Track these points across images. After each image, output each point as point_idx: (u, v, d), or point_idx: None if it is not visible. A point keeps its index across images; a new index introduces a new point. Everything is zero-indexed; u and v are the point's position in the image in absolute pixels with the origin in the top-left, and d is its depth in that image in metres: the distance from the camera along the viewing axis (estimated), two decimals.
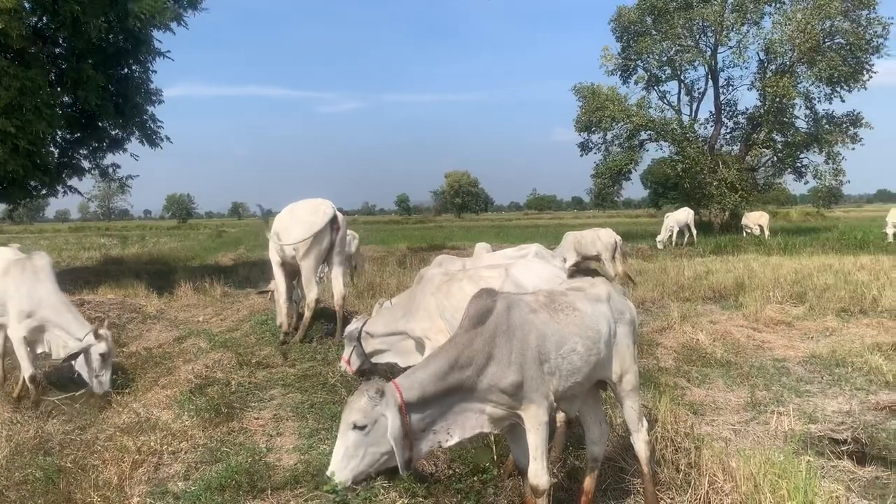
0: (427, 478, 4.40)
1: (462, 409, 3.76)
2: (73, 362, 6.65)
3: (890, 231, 25.03)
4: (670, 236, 25.98)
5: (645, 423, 4.45)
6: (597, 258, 15.18)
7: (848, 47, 30.26)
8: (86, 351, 6.58)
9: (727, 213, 32.72)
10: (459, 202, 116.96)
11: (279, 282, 9.10)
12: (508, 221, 73.00)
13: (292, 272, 9.17)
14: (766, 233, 27.77)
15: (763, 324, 10.51)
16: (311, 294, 8.73)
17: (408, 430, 3.51)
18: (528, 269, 5.34)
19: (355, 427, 3.48)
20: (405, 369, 4.47)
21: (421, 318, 5.81)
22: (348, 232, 16.13)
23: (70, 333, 6.70)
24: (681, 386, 7.24)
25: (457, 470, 4.65)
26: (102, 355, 6.64)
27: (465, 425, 3.77)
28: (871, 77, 31.26)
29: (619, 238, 15.38)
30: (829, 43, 30.57)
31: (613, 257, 15.02)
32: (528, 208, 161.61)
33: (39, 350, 6.85)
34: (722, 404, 6.71)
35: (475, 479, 4.39)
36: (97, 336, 6.62)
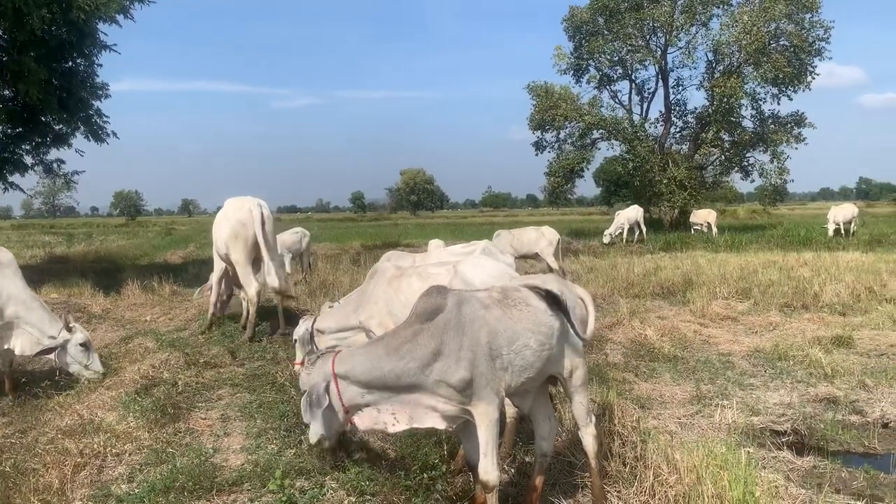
0: (376, 476, 4.39)
1: (412, 401, 3.81)
2: (55, 360, 6.72)
3: (831, 228, 25.93)
4: (620, 233, 26.38)
5: (593, 418, 4.50)
6: (534, 256, 15.30)
7: (792, 49, 31.10)
8: (63, 347, 6.64)
9: (676, 211, 33.36)
10: (415, 200, 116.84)
11: (216, 271, 9.37)
12: (464, 219, 73.16)
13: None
14: (714, 230, 28.41)
15: (709, 319, 10.76)
16: (250, 290, 8.78)
17: (339, 397, 3.77)
18: (476, 265, 5.35)
19: (304, 394, 3.84)
20: None
21: (372, 311, 5.78)
22: (299, 230, 16.11)
23: (43, 331, 6.66)
24: (629, 380, 7.36)
25: (406, 467, 4.65)
26: (83, 345, 6.82)
27: (414, 416, 3.82)
28: (814, 78, 32.24)
29: (559, 236, 15.63)
30: (774, 45, 31.36)
31: (554, 255, 15.21)
32: (484, 206, 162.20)
33: (6, 346, 6.75)
34: (668, 398, 6.85)
35: (424, 475, 4.39)
36: (69, 329, 6.68)
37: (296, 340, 6.43)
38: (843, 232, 25.96)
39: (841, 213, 26.66)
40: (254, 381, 6.96)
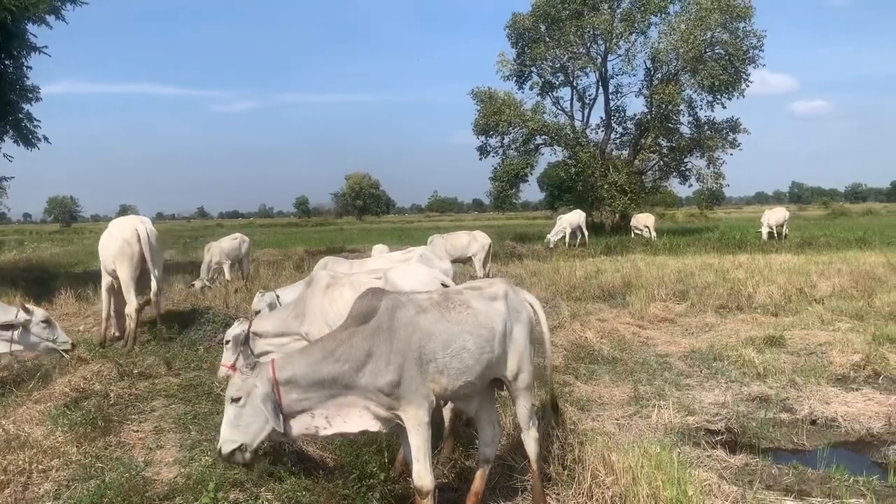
0: (313, 486, 4.32)
1: (346, 403, 3.81)
2: (20, 348, 6.90)
3: (764, 231, 26.83)
4: (563, 237, 26.70)
5: (536, 421, 4.53)
6: (468, 260, 15.38)
7: (727, 57, 32.04)
8: (26, 328, 6.80)
9: (617, 215, 33.97)
10: (360, 204, 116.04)
11: (103, 285, 9.49)
12: (410, 223, 73.11)
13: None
14: (653, 233, 29.04)
15: (648, 321, 10.98)
16: (129, 306, 9.03)
17: (280, 404, 3.70)
18: (406, 272, 5.35)
19: (232, 401, 3.72)
20: None
21: (312, 321, 5.71)
22: (237, 235, 15.83)
23: None
24: (569, 383, 7.44)
25: (345, 475, 4.59)
26: (46, 321, 7.02)
27: (347, 419, 3.81)
28: (748, 86, 33.29)
29: (490, 240, 15.78)
30: (710, 53, 32.26)
31: (484, 259, 15.31)
32: (430, 210, 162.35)
33: None
34: (607, 399, 6.94)
35: (362, 483, 4.34)
36: (27, 311, 6.85)
37: (227, 342, 6.27)
38: (775, 235, 26.87)
39: (773, 216, 27.65)
40: (189, 391, 6.78)
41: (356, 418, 3.83)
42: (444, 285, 5.24)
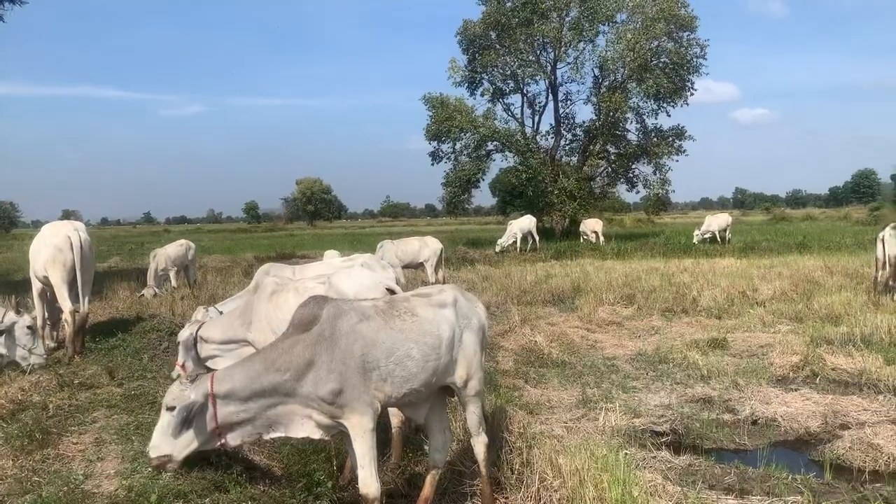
0: (259, 496, 4.25)
1: (287, 412, 3.79)
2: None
3: (699, 235, 27.65)
4: (514, 242, 26.91)
5: (485, 427, 4.56)
6: (419, 265, 15.33)
7: (672, 66, 32.81)
8: (10, 330, 6.83)
9: (567, 220, 34.41)
10: (312, 209, 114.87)
11: (34, 291, 9.32)
12: (362, 229, 72.78)
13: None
14: (601, 239, 29.50)
15: (596, 324, 11.15)
16: (65, 312, 8.78)
17: (215, 417, 3.69)
18: (350, 277, 5.32)
19: (167, 409, 3.71)
20: None
21: (257, 328, 5.63)
22: (183, 242, 15.52)
23: None
24: (518, 387, 7.50)
25: (292, 483, 4.53)
26: (30, 328, 7.11)
27: (289, 426, 3.82)
28: (692, 94, 34.16)
29: (441, 246, 15.76)
30: (655, 62, 32.97)
31: (436, 265, 15.29)
32: (383, 215, 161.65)
33: None
34: (556, 403, 7.02)
35: (309, 492, 4.29)
36: (18, 311, 6.93)
37: (179, 343, 6.18)
38: (719, 239, 27.60)
39: (716, 221, 28.49)
40: (132, 401, 6.60)
41: (298, 426, 3.83)
42: (390, 290, 5.23)
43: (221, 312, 6.27)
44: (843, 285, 13.82)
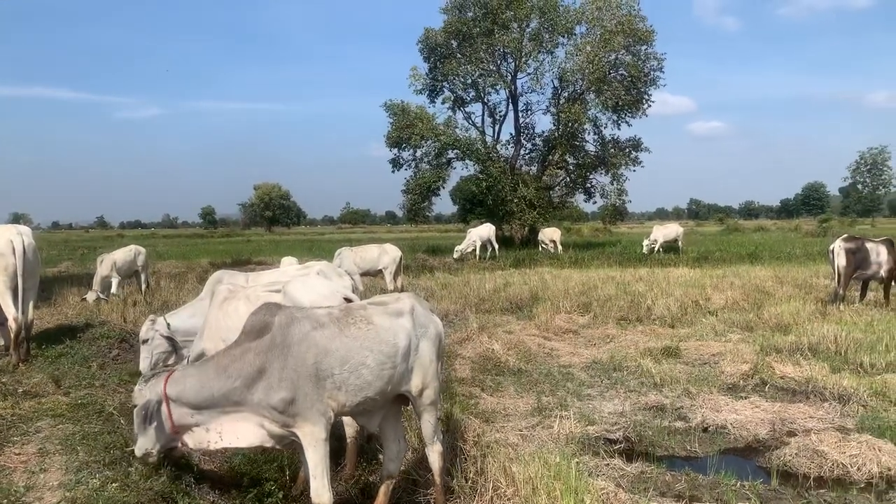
0: None
1: (239, 419, 3.77)
2: None
3: (648, 245, 28.14)
4: (473, 250, 26.99)
5: (440, 436, 4.55)
6: (378, 273, 15.25)
7: (630, 79, 33.36)
8: None
9: (527, 229, 34.67)
10: (270, 215, 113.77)
11: None
12: (321, 235, 72.15)
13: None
14: (559, 247, 29.78)
15: (553, 332, 11.23)
16: (9, 318, 8.53)
17: (170, 418, 3.77)
18: (304, 286, 5.28)
19: (133, 407, 3.83)
20: None
21: (207, 336, 5.54)
22: (132, 247, 15.16)
23: None
24: (475, 395, 7.51)
25: (242, 493, 4.46)
26: None
27: (240, 435, 3.79)
28: (649, 106, 34.78)
29: (400, 253, 15.70)
30: (614, 74, 33.50)
31: (395, 272, 15.23)
32: (342, 222, 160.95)
33: None
34: (512, 411, 7.04)
35: (260, 503, 4.23)
36: None
37: (144, 341, 6.09)
38: (661, 249, 28.10)
39: (663, 231, 29.07)
40: (79, 410, 6.41)
41: (250, 434, 3.80)
42: (347, 299, 5.19)
43: (169, 325, 6.15)
44: (793, 295, 14.17)
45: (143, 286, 14.99)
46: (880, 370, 8.22)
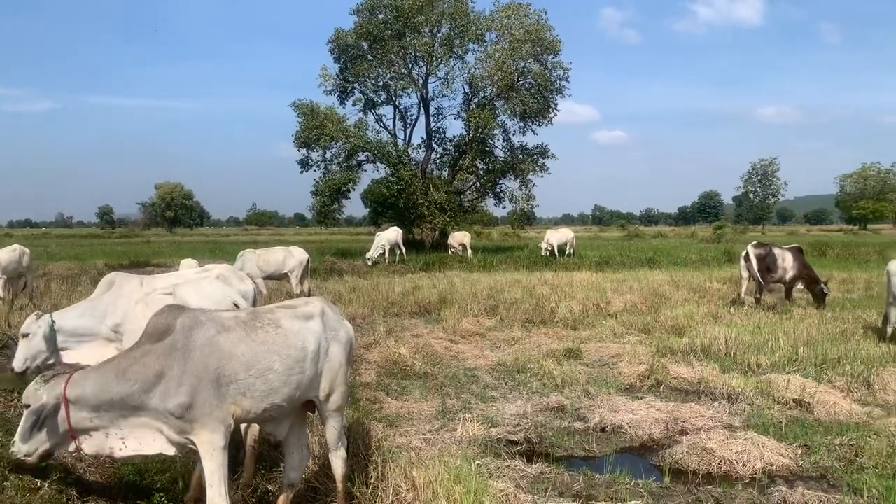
0: None
1: (140, 424, 3.64)
2: None
3: (545, 248, 29.03)
4: (382, 254, 26.90)
5: (344, 442, 4.50)
6: (284, 276, 14.89)
7: (537, 87, 34.08)
8: None
9: (437, 233, 34.83)
10: (171, 215, 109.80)
11: None
12: (225, 237, 70.14)
13: None
14: (469, 251, 30.10)
15: (460, 336, 11.32)
16: None
17: (67, 421, 3.58)
18: (196, 289, 5.13)
19: (27, 407, 3.62)
20: None
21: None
22: (16, 247, 14.23)
23: None
24: (379, 399, 7.47)
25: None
26: None
27: (142, 441, 3.66)
28: (556, 114, 35.63)
29: (307, 256, 15.42)
30: (522, 82, 34.12)
31: (301, 276, 14.94)
32: (248, 223, 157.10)
33: None
34: (416, 414, 7.04)
35: None
36: None
37: (25, 335, 5.69)
38: (556, 253, 29.01)
39: (555, 236, 30.03)
40: None
41: (150, 441, 3.67)
42: (236, 305, 5.06)
43: (54, 322, 5.81)
44: (688, 299, 14.83)
45: (28, 288, 14.10)
46: (766, 370, 8.69)
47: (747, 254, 13.72)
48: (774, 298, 14.76)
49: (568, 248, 29.79)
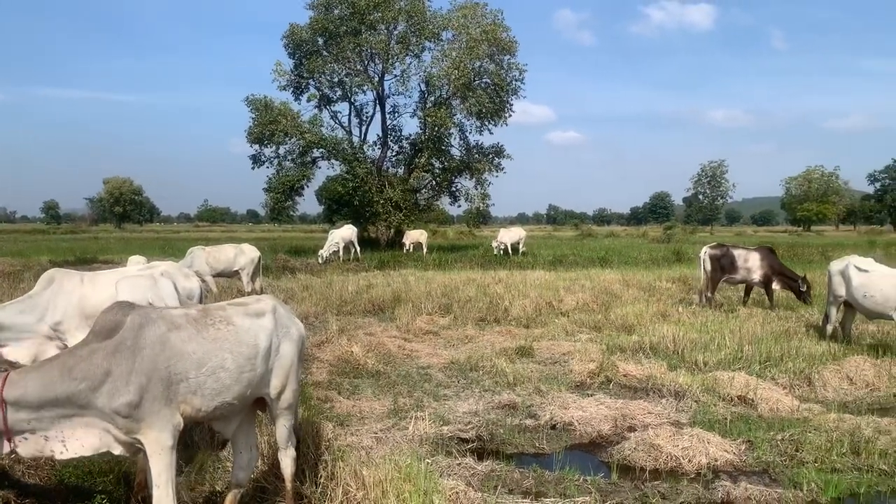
0: None
1: (84, 424, 3.53)
2: None
3: (497, 246, 29.49)
4: (336, 252, 26.72)
5: (294, 440, 4.46)
6: (235, 274, 14.64)
7: (493, 87, 34.29)
8: None
9: (393, 231, 34.74)
10: (120, 211, 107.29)
11: None
12: (176, 233, 68.80)
13: None
14: (425, 250, 30.12)
15: (413, 334, 11.31)
16: None
17: (4, 423, 3.39)
18: (133, 286, 5.03)
19: None
20: None
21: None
22: None
23: None
24: (331, 398, 7.41)
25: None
26: None
27: (85, 442, 3.54)
28: (511, 115, 35.90)
29: (259, 253, 15.19)
30: (478, 81, 34.27)
31: (253, 274, 14.71)
32: (200, 220, 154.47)
33: None
34: (368, 413, 7.01)
35: None
36: None
37: None
38: (510, 251, 29.41)
39: (508, 235, 30.54)
40: None
41: (96, 440, 3.56)
42: (170, 306, 4.98)
43: None
44: (638, 298, 15.07)
45: None
46: (712, 368, 8.89)
47: (701, 255, 14.07)
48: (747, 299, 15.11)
49: (520, 246, 30.13)
